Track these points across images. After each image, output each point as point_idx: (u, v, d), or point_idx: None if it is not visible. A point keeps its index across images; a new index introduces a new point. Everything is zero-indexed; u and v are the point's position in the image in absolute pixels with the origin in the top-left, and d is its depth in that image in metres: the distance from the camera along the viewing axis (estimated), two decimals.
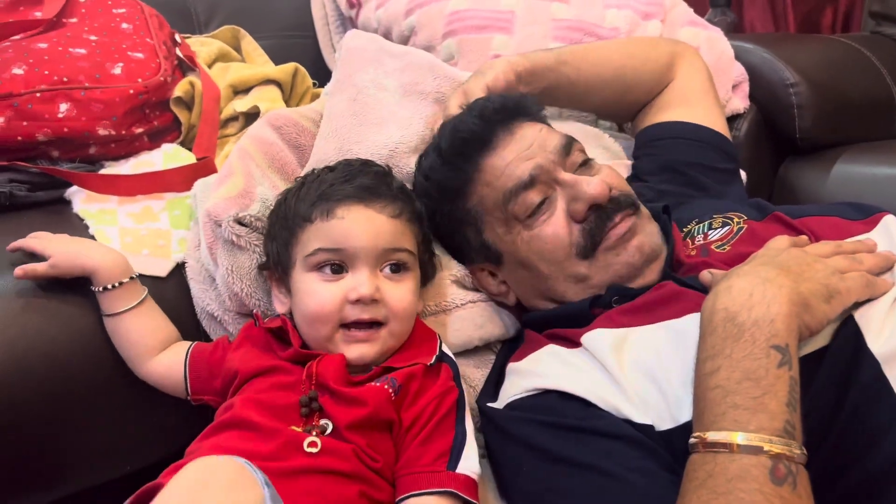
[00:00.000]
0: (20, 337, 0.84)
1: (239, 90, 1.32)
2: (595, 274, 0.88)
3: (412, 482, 0.74)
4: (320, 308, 0.79)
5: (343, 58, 1.10)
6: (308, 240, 0.81)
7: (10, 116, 1.04)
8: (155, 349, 0.88)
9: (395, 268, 0.82)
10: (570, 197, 0.88)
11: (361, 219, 0.81)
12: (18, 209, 1.01)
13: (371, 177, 0.85)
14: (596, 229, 0.87)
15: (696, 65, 1.19)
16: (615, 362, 0.75)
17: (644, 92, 1.17)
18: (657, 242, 0.89)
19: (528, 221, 0.89)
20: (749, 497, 0.55)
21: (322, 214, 0.81)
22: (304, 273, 0.81)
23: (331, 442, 0.73)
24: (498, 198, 0.90)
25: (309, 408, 0.75)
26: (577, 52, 1.13)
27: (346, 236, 0.80)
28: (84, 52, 1.14)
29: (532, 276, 0.92)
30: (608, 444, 0.69)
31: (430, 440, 0.76)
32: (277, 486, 0.68)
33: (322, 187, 0.83)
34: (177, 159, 1.13)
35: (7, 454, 0.83)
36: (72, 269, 0.86)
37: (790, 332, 0.62)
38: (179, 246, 0.99)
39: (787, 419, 0.58)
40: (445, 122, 0.96)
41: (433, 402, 0.78)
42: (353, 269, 0.80)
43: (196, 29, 1.60)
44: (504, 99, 0.94)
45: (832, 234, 0.81)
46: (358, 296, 0.78)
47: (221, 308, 0.93)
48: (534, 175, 0.88)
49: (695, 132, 1.12)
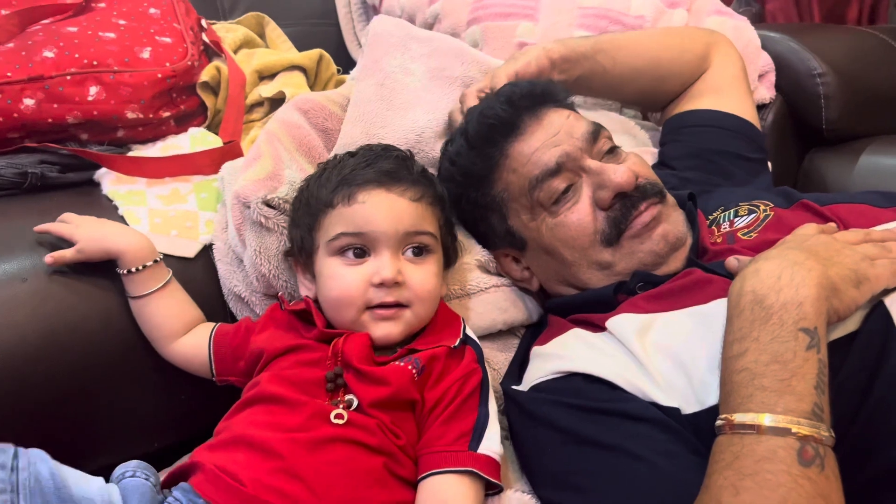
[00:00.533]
0: (54, 313, 0.86)
1: (264, 76, 1.33)
2: (619, 261, 0.88)
3: (434, 461, 0.75)
4: (345, 292, 0.80)
5: (370, 43, 1.10)
6: (330, 224, 0.82)
7: (41, 99, 1.05)
8: (179, 331, 0.90)
9: (418, 250, 0.83)
10: (596, 184, 0.88)
11: (382, 203, 0.81)
12: (49, 190, 1.02)
13: (392, 161, 0.86)
14: (621, 217, 0.87)
15: (730, 55, 1.18)
16: (640, 346, 0.75)
17: (679, 83, 1.17)
18: (682, 230, 0.89)
19: (553, 208, 0.89)
20: (776, 478, 0.55)
21: (343, 199, 0.82)
22: (328, 258, 0.82)
23: (356, 416, 0.74)
24: (524, 184, 0.90)
25: (334, 383, 0.76)
26: (614, 41, 1.12)
27: (367, 220, 0.80)
28: (113, 35, 1.15)
29: (556, 263, 0.92)
30: (634, 426, 0.70)
31: (453, 420, 0.77)
32: (305, 456, 0.70)
33: (343, 172, 0.84)
34: (204, 143, 1.14)
35: (38, 425, 0.85)
36: (98, 253, 0.88)
37: (819, 315, 0.62)
38: (206, 228, 1.00)
39: (816, 401, 0.58)
40: (472, 108, 0.96)
41: (457, 383, 0.78)
42: (376, 253, 0.81)
43: (221, 15, 1.61)
44: (532, 85, 0.95)
45: (861, 221, 0.81)
46: (381, 279, 0.79)
47: (248, 289, 0.94)
48: (560, 162, 0.88)
49: (725, 120, 1.12)
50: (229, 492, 0.69)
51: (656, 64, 1.14)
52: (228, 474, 0.70)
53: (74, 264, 0.89)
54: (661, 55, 1.14)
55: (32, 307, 0.85)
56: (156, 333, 0.90)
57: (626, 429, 0.70)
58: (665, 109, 1.21)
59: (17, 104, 1.04)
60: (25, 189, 1.01)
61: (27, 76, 1.04)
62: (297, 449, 0.71)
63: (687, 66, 1.16)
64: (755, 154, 1.13)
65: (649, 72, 1.14)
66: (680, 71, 1.16)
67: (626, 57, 1.11)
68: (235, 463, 0.71)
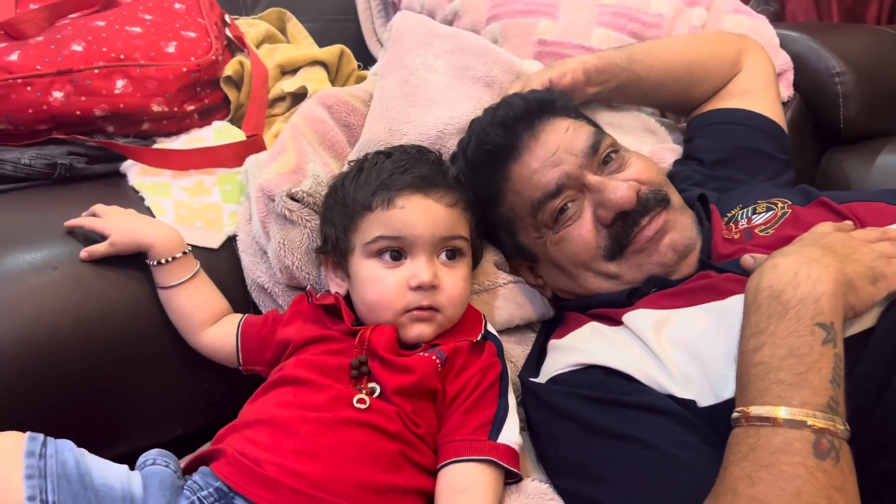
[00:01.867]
0: (84, 301, 0.88)
1: (286, 71, 1.34)
2: (626, 273, 0.89)
3: (453, 450, 0.76)
4: (384, 295, 0.82)
5: (393, 38, 1.11)
6: (368, 227, 0.84)
7: (70, 91, 1.07)
8: (207, 321, 0.92)
9: (451, 254, 0.85)
10: (597, 203, 0.88)
11: (420, 208, 0.83)
12: (77, 180, 1.05)
13: (429, 166, 0.87)
14: (622, 233, 0.87)
15: (761, 61, 1.19)
16: (656, 340, 0.76)
17: (710, 87, 1.17)
18: (690, 236, 0.89)
19: (555, 226, 0.90)
20: (791, 470, 0.56)
21: (383, 203, 0.83)
22: (364, 260, 0.84)
23: (378, 402, 0.76)
24: (526, 206, 0.91)
25: (359, 371, 0.78)
26: (649, 51, 1.13)
27: (405, 225, 0.82)
28: (139, 30, 1.17)
29: (564, 276, 0.94)
30: (651, 418, 0.71)
31: (473, 411, 0.78)
32: (324, 436, 0.72)
33: (382, 176, 0.85)
34: (227, 136, 1.15)
35: (68, 409, 0.87)
36: (130, 246, 0.90)
37: (835, 310, 0.63)
38: (230, 219, 1.02)
39: (831, 395, 0.59)
40: (472, 127, 0.97)
41: (477, 375, 0.80)
42: (412, 257, 0.82)
43: (243, 11, 1.62)
44: (527, 101, 0.94)
45: (878, 219, 0.81)
46: (419, 282, 0.81)
47: (272, 280, 0.96)
48: (560, 184, 0.88)
49: (754, 119, 1.12)
50: (248, 474, 0.71)
51: (689, 70, 1.14)
52: (248, 457, 0.72)
53: None
54: (693, 60, 1.14)
55: (63, 295, 0.87)
56: (184, 323, 0.92)
57: (643, 420, 0.71)
58: (694, 111, 1.21)
59: (46, 97, 1.06)
60: (54, 180, 1.03)
61: (56, 69, 1.06)
62: (317, 429, 0.73)
63: (719, 70, 1.16)
64: (783, 155, 1.13)
65: (683, 78, 1.14)
66: (712, 76, 1.16)
67: (661, 64, 1.12)
68: (256, 445, 0.73)
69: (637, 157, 0.93)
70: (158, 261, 0.89)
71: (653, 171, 0.93)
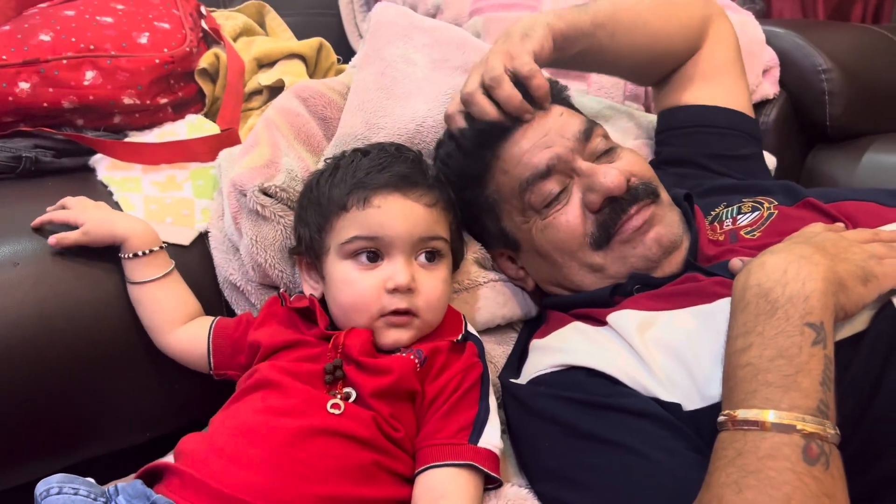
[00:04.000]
0: (47, 298, 0.84)
1: (263, 64, 1.31)
2: (611, 265, 0.87)
3: (433, 454, 0.73)
4: (359, 298, 0.79)
5: (372, 31, 1.09)
6: (343, 227, 0.81)
7: (37, 83, 1.04)
8: (178, 321, 0.88)
9: (430, 256, 0.82)
10: (586, 187, 0.86)
11: (398, 208, 0.80)
12: (43, 175, 1.01)
13: (407, 164, 0.84)
14: (610, 221, 0.85)
15: (724, 33, 1.13)
16: (640, 341, 0.74)
17: (672, 60, 1.12)
18: (676, 233, 0.87)
19: (544, 211, 0.88)
20: (780, 476, 0.54)
21: (358, 203, 0.80)
22: (339, 261, 0.81)
23: (353, 408, 0.73)
24: (514, 186, 0.88)
25: (333, 375, 0.75)
26: (613, 15, 1.03)
27: (382, 225, 0.79)
28: (111, 20, 1.14)
29: (548, 265, 0.91)
30: (634, 421, 0.69)
31: (453, 413, 0.76)
32: (293, 444, 0.69)
33: (358, 175, 0.82)
34: (201, 130, 1.12)
35: (28, 412, 0.84)
36: (104, 237, 0.87)
37: (825, 310, 0.61)
38: (203, 215, 0.99)
39: (821, 398, 0.57)
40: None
41: (457, 376, 0.78)
42: (389, 258, 0.80)
43: (221, 3, 1.59)
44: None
45: (869, 219, 0.80)
46: (395, 285, 0.78)
47: (244, 278, 0.93)
48: (551, 165, 0.86)
49: (714, 117, 1.08)
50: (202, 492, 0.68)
51: (653, 40, 1.08)
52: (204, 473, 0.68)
53: (68, 249, 0.87)
54: (657, 30, 1.07)
55: (24, 292, 0.84)
56: (154, 321, 0.88)
57: (626, 424, 0.69)
58: (659, 92, 1.16)
59: (12, 88, 1.03)
60: (19, 174, 1.00)
61: (23, 59, 1.03)
62: (286, 438, 0.70)
63: (684, 42, 1.10)
64: (748, 149, 1.09)
65: (646, 48, 1.08)
66: (676, 48, 1.10)
67: (625, 32, 1.04)
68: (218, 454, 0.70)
69: (629, 152, 0.92)
70: (133, 253, 0.86)
71: (643, 165, 0.92)
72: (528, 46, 0.90)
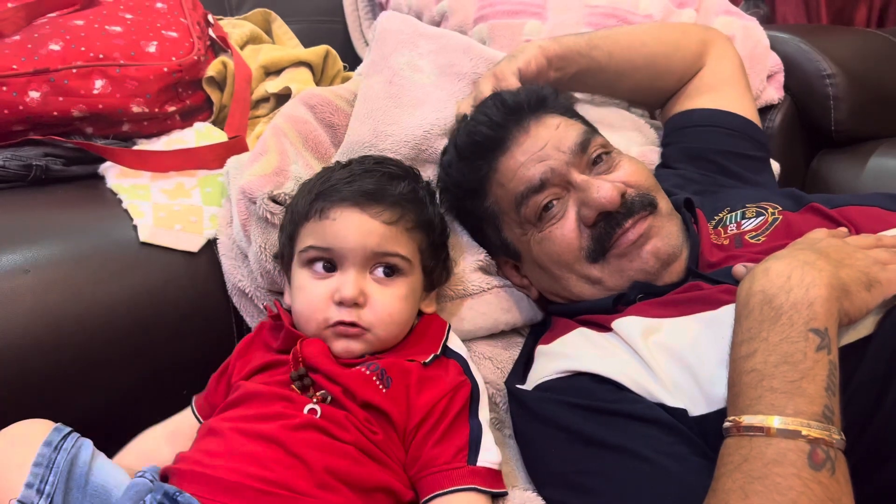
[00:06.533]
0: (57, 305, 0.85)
1: (270, 71, 1.32)
2: (608, 278, 0.87)
3: (435, 482, 0.73)
4: (308, 305, 0.80)
5: (378, 39, 1.10)
6: (303, 236, 0.82)
7: (47, 91, 1.05)
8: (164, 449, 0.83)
9: (388, 271, 0.81)
10: (580, 201, 0.86)
11: (353, 222, 0.80)
12: (53, 182, 1.02)
13: (376, 180, 0.83)
14: (605, 235, 0.85)
15: (727, 52, 1.16)
16: (645, 347, 0.75)
17: (675, 79, 1.15)
18: (675, 244, 0.86)
19: (539, 224, 0.88)
20: (786, 481, 0.54)
21: (316, 214, 0.81)
22: (299, 269, 0.83)
23: (330, 410, 0.74)
24: (511, 200, 0.89)
25: (301, 382, 0.76)
26: (609, 37, 1.10)
27: (335, 237, 0.80)
28: (119, 29, 1.15)
29: (548, 277, 0.92)
30: (641, 427, 0.69)
31: (447, 438, 0.75)
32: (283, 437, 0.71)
33: (324, 186, 0.83)
34: (209, 137, 1.13)
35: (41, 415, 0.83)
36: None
37: (829, 316, 0.61)
38: (211, 222, 1.00)
39: (826, 404, 0.57)
40: (464, 120, 0.95)
41: (444, 398, 0.77)
42: (342, 269, 0.80)
43: (228, 11, 1.60)
44: (519, 96, 0.92)
45: (872, 224, 0.80)
46: (340, 297, 0.78)
47: (252, 284, 0.94)
48: (544, 179, 0.86)
49: (724, 119, 1.10)
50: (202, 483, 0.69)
51: (651, 60, 1.11)
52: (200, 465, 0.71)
53: (76, 255, 0.88)
54: (656, 51, 1.11)
55: (35, 298, 0.85)
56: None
57: (633, 430, 0.69)
58: (665, 108, 1.19)
59: (23, 96, 1.04)
60: (30, 182, 1.01)
61: (33, 69, 1.04)
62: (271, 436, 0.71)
63: (682, 62, 1.13)
64: (756, 152, 1.11)
65: (645, 68, 1.11)
66: (675, 67, 1.13)
67: (622, 52, 1.08)
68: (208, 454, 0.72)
69: (628, 160, 0.91)
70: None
71: (643, 174, 0.91)
72: (514, 65, 0.99)
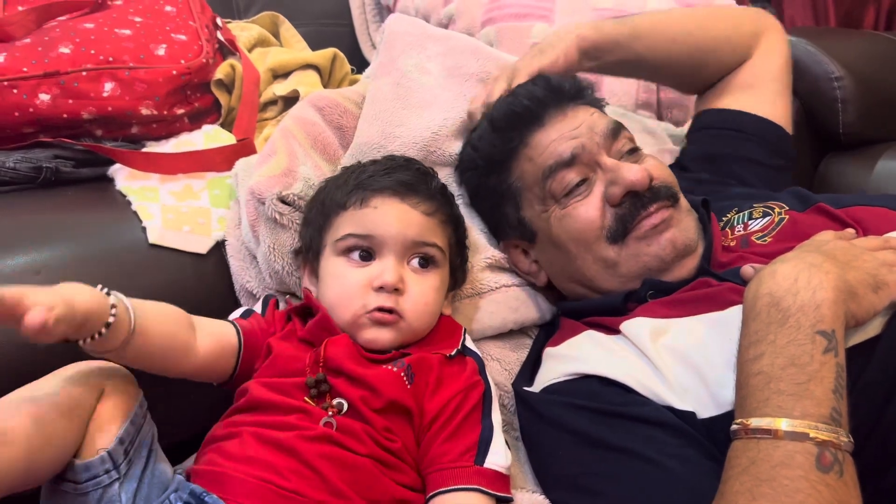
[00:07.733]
0: None
1: (278, 74, 1.33)
2: (624, 261, 0.87)
3: (440, 478, 0.73)
4: (344, 292, 0.80)
5: (386, 41, 1.10)
6: (340, 225, 0.82)
7: (57, 94, 1.06)
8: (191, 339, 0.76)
9: (423, 262, 0.82)
10: (609, 181, 0.87)
11: (394, 210, 0.81)
12: (63, 184, 1.03)
13: (412, 173, 0.86)
14: (629, 216, 0.86)
15: (775, 47, 1.13)
16: (653, 350, 0.75)
17: (717, 72, 1.13)
18: (691, 238, 0.87)
19: (563, 200, 0.89)
20: (793, 484, 0.54)
21: (357, 202, 0.82)
22: (333, 257, 0.82)
23: (346, 421, 0.73)
24: (538, 173, 0.90)
25: (318, 389, 0.75)
26: (654, 26, 1.07)
27: (376, 224, 0.80)
28: (129, 32, 1.15)
29: (563, 257, 0.91)
30: (648, 430, 0.69)
31: (457, 436, 0.75)
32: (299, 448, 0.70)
33: (361, 177, 0.84)
34: (217, 140, 1.14)
35: None
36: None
37: (836, 318, 0.61)
38: (219, 224, 1.00)
39: (834, 406, 0.58)
40: (501, 97, 0.95)
41: (458, 396, 0.77)
42: (381, 257, 0.81)
43: (236, 14, 1.61)
44: (563, 81, 0.94)
45: (880, 224, 0.80)
46: (381, 283, 0.78)
47: (261, 285, 0.94)
48: (575, 154, 0.88)
49: (746, 123, 1.09)
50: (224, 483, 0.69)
51: (695, 51, 1.09)
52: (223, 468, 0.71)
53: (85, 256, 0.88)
54: (702, 45, 1.09)
55: None
56: (170, 356, 0.75)
57: (640, 432, 0.69)
58: (700, 96, 1.17)
59: (33, 99, 1.04)
60: (40, 183, 1.01)
61: (43, 71, 1.05)
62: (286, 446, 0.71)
63: (731, 55, 1.11)
64: (774, 160, 1.10)
65: (688, 61, 1.10)
66: (721, 61, 1.12)
67: (665, 44, 1.07)
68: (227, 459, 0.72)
69: (653, 158, 0.93)
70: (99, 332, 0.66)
71: (666, 171, 0.93)
72: (536, 64, 0.97)
